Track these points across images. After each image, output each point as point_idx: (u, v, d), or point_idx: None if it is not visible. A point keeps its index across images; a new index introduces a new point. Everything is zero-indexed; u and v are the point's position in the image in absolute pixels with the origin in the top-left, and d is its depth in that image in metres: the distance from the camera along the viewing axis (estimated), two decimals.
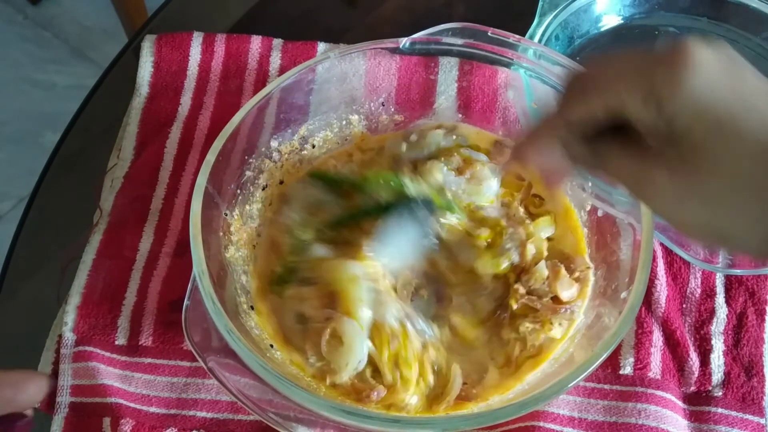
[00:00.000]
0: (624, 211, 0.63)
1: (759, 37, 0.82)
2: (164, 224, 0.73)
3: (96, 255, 0.71)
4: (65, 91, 1.87)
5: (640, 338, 0.66)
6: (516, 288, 0.63)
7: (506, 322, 0.63)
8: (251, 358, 0.54)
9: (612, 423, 0.62)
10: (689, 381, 0.65)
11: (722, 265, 0.69)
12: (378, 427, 0.55)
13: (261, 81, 0.82)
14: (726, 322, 0.68)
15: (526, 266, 0.64)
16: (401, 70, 0.77)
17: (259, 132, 0.69)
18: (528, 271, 0.64)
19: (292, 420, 0.56)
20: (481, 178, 0.66)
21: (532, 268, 0.63)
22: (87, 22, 1.97)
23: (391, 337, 0.59)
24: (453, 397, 0.59)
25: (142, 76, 0.82)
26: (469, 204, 0.66)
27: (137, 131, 0.78)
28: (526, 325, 0.62)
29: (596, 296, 0.64)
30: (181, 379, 0.65)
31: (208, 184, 0.61)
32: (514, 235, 0.65)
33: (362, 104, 0.74)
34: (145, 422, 0.63)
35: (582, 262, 0.65)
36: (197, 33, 0.84)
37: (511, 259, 0.64)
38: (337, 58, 0.70)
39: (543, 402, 0.54)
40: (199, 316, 0.57)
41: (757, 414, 0.64)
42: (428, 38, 0.69)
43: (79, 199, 0.78)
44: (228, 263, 0.64)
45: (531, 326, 0.62)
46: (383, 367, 0.59)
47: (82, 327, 0.67)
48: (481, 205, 0.66)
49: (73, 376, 0.65)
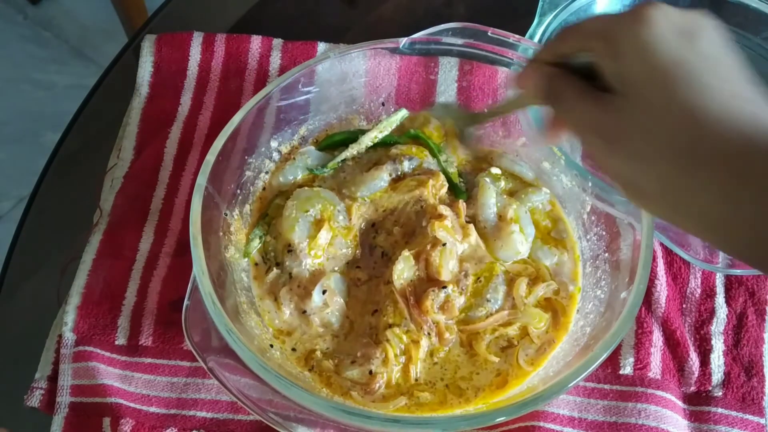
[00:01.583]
0: (624, 211, 0.63)
1: (759, 37, 0.82)
2: (164, 224, 0.73)
3: (96, 255, 0.71)
4: (65, 91, 1.87)
5: (640, 338, 0.66)
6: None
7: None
8: (251, 358, 0.53)
9: (612, 423, 0.62)
10: (689, 381, 0.65)
11: (722, 265, 0.69)
12: (378, 427, 0.55)
13: (261, 81, 0.82)
14: (726, 322, 0.68)
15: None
16: (401, 70, 0.77)
17: (259, 132, 0.69)
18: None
19: (292, 420, 0.56)
20: (512, 239, 0.67)
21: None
22: (87, 22, 1.97)
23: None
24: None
25: (142, 76, 0.82)
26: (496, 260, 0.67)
27: (137, 131, 0.78)
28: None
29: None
30: (181, 379, 0.65)
31: (208, 184, 0.61)
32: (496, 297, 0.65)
33: (362, 104, 0.74)
34: (145, 422, 0.63)
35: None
36: (197, 33, 0.84)
37: (486, 309, 0.64)
38: (337, 58, 0.70)
39: (543, 402, 0.54)
40: (199, 316, 0.57)
41: (757, 414, 0.64)
42: (428, 38, 0.69)
43: (79, 199, 0.78)
44: (228, 263, 0.64)
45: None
46: None
47: (82, 327, 0.67)
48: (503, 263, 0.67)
49: (73, 376, 0.64)
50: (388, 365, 0.61)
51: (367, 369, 0.61)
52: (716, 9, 0.82)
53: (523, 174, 0.73)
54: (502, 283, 0.65)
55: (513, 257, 0.67)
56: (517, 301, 0.65)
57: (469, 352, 0.63)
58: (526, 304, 0.65)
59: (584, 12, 0.81)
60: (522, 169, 0.73)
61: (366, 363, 0.61)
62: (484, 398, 0.61)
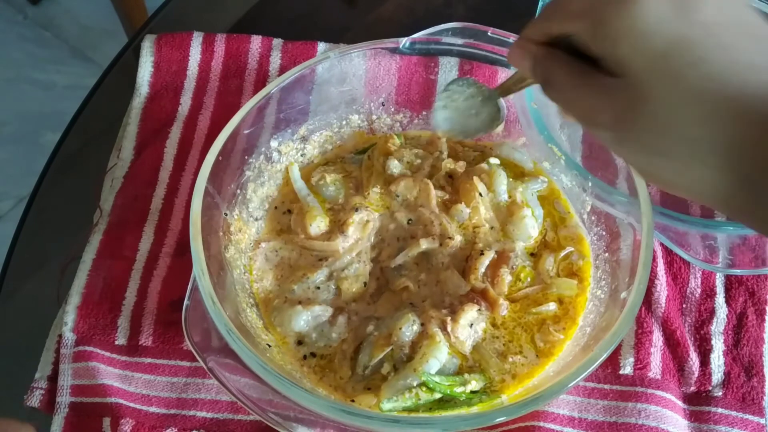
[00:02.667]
0: (624, 211, 0.63)
1: None
2: (164, 224, 0.73)
3: (96, 255, 0.71)
4: (65, 91, 1.87)
5: (640, 338, 0.66)
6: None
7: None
8: (251, 358, 0.53)
9: (612, 423, 0.62)
10: (689, 381, 0.65)
11: (722, 265, 0.69)
12: (378, 427, 0.55)
13: (261, 81, 0.82)
14: (726, 322, 0.68)
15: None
16: (401, 70, 0.77)
17: (259, 132, 0.69)
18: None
19: (292, 420, 0.56)
20: (524, 224, 0.68)
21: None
22: (87, 22, 1.97)
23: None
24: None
25: (142, 76, 0.82)
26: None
27: (137, 131, 0.78)
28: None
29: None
30: (181, 379, 0.65)
31: (208, 184, 0.61)
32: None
33: (362, 104, 0.74)
34: (145, 422, 0.63)
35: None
36: (197, 33, 0.84)
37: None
38: (337, 58, 0.70)
39: (543, 402, 0.54)
40: (199, 316, 0.57)
41: (757, 414, 0.64)
42: (428, 38, 0.69)
43: (79, 199, 0.77)
44: (228, 263, 0.64)
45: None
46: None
47: (82, 327, 0.67)
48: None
49: (73, 376, 0.64)
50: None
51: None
52: None
53: (523, 162, 0.73)
54: (526, 260, 0.67)
55: (525, 242, 0.68)
56: (543, 276, 0.66)
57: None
58: (552, 276, 0.66)
59: None
60: (522, 157, 0.73)
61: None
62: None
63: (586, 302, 0.65)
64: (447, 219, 0.67)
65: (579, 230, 0.69)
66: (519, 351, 0.63)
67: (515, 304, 0.65)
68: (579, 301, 0.65)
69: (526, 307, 0.65)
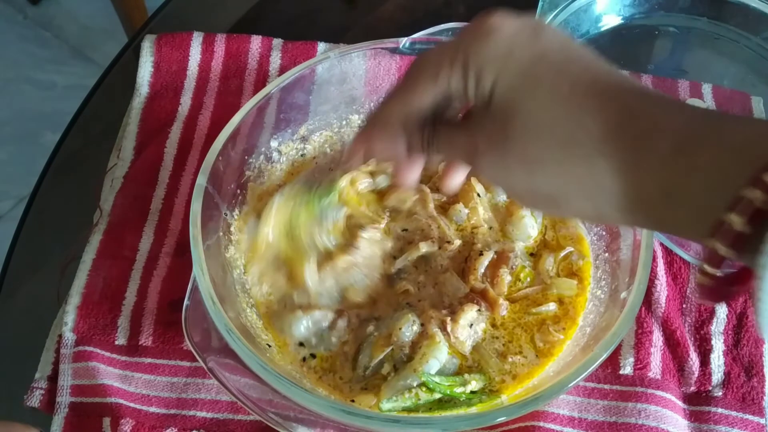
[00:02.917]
0: None
1: (759, 37, 0.81)
2: (164, 224, 0.73)
3: (96, 255, 0.71)
4: (65, 91, 1.87)
5: (640, 338, 0.66)
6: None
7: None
8: (251, 358, 0.54)
9: (612, 423, 0.62)
10: (689, 381, 0.65)
11: None
12: (378, 427, 0.55)
13: (261, 81, 0.81)
14: (726, 322, 0.68)
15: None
16: (401, 70, 0.77)
17: (259, 132, 0.69)
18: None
19: (292, 420, 0.56)
20: (523, 224, 0.68)
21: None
22: (87, 22, 1.97)
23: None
24: None
25: (142, 76, 0.82)
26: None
27: (137, 131, 0.78)
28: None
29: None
30: (181, 379, 0.65)
31: (208, 184, 0.61)
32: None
33: (362, 104, 0.74)
34: (145, 422, 0.63)
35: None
36: (197, 33, 0.84)
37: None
38: (337, 58, 0.70)
39: (543, 402, 0.54)
40: (199, 316, 0.57)
41: (757, 414, 0.64)
42: (428, 38, 0.69)
43: (79, 199, 0.77)
44: (228, 263, 0.64)
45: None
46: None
47: (82, 327, 0.67)
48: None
49: (73, 376, 0.64)
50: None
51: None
52: (716, 9, 0.82)
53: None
54: (526, 260, 0.67)
55: (524, 242, 0.68)
56: (543, 276, 0.66)
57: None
58: (551, 277, 0.66)
59: (584, 12, 0.81)
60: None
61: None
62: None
63: (586, 302, 0.65)
64: (445, 222, 0.67)
65: (579, 230, 0.69)
66: (519, 351, 0.63)
67: (515, 305, 0.65)
68: (579, 301, 0.65)
69: (526, 308, 0.65)
